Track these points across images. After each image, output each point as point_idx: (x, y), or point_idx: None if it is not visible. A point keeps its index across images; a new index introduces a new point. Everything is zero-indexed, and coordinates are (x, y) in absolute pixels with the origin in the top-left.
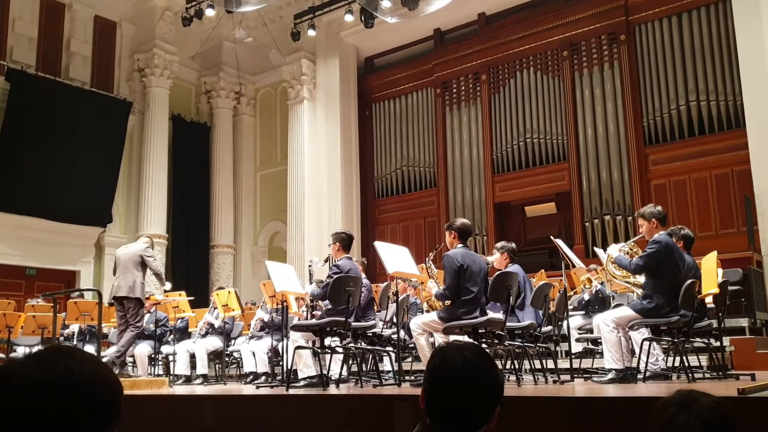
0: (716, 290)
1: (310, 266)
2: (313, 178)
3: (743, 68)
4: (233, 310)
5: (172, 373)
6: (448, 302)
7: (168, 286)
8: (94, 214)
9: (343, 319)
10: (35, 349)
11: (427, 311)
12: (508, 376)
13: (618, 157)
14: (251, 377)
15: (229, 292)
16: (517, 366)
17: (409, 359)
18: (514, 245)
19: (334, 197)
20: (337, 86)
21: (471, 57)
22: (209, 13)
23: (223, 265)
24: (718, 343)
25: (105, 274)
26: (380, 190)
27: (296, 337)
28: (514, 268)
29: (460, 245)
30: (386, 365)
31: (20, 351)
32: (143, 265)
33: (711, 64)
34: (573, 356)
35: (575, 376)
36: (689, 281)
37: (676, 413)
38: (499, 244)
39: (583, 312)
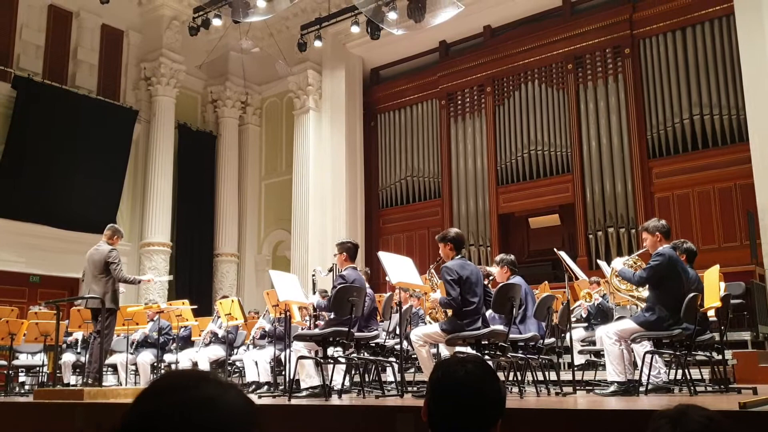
0: (718, 304)
1: (313, 275)
2: (317, 187)
3: (746, 82)
4: (236, 318)
5: None
6: (450, 312)
7: (147, 276)
8: (98, 221)
9: (346, 329)
10: (37, 356)
11: (430, 323)
12: (511, 388)
13: (622, 170)
14: (253, 387)
15: (233, 301)
16: (519, 378)
17: (412, 370)
18: (512, 257)
19: (339, 207)
20: (342, 97)
21: (476, 69)
22: (216, 23)
23: (227, 274)
24: (720, 357)
25: None
26: (384, 200)
27: (299, 347)
28: (517, 279)
29: (458, 256)
30: (389, 376)
31: (22, 358)
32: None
33: (715, 78)
34: (575, 368)
35: (578, 388)
36: (692, 294)
37: (663, 425)
38: (497, 258)
39: (586, 324)
